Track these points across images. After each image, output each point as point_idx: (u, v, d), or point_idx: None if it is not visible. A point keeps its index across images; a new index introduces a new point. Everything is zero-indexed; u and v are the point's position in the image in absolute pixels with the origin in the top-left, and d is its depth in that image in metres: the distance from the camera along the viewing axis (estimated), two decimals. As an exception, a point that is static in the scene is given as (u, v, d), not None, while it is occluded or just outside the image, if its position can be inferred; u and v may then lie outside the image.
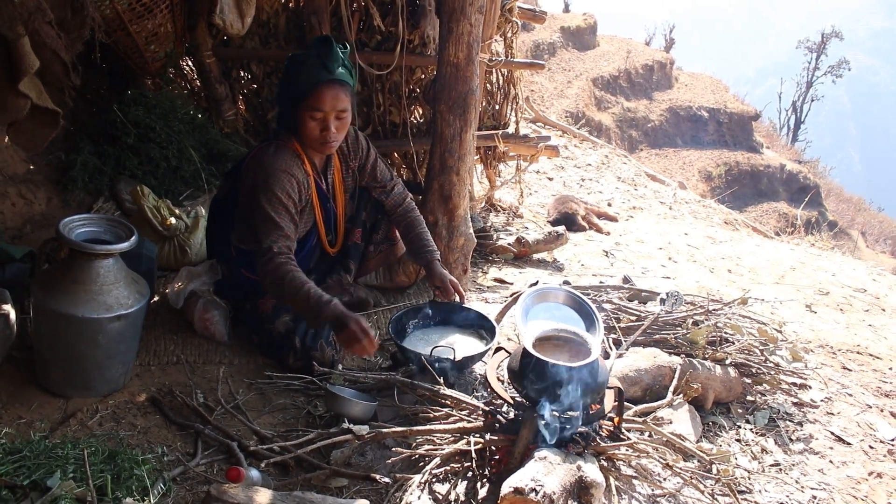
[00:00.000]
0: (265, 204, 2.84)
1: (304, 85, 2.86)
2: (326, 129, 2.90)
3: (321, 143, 2.95)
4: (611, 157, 11.54)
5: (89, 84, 4.56)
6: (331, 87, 2.86)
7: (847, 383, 3.47)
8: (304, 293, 2.72)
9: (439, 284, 3.27)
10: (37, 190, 3.94)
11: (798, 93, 32.67)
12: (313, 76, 2.85)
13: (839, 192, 23.11)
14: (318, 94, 2.85)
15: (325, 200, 3.19)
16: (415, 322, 3.24)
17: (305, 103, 2.87)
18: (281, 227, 2.83)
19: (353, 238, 3.44)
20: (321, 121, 2.89)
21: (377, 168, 3.34)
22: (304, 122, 2.90)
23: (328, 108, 2.87)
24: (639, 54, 22.95)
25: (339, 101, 2.89)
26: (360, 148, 3.28)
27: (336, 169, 3.21)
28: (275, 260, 2.76)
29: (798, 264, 5.87)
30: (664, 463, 2.41)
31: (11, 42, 2.73)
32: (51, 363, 2.68)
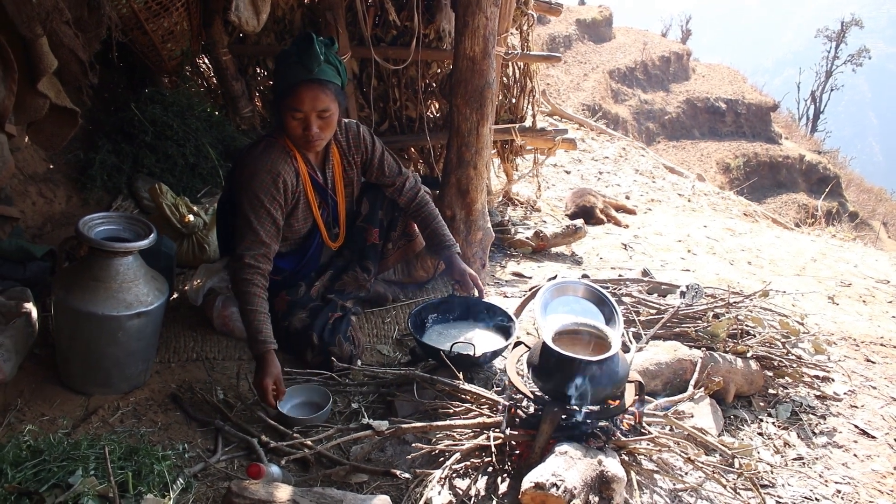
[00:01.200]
0: (246, 206, 2.84)
1: (286, 83, 2.83)
2: (308, 129, 2.86)
3: (304, 141, 2.91)
4: (628, 150, 11.46)
5: (107, 83, 4.59)
6: (309, 87, 2.80)
7: (871, 376, 3.42)
8: (248, 320, 2.74)
9: (458, 278, 3.25)
10: (56, 189, 3.97)
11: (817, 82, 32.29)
12: (293, 75, 2.80)
13: (860, 182, 22.81)
14: (297, 95, 2.81)
15: (325, 195, 3.16)
16: (434, 317, 3.24)
17: (286, 102, 2.84)
18: (258, 232, 2.83)
19: (370, 238, 3.42)
20: (302, 120, 2.85)
21: (384, 163, 3.30)
22: (285, 120, 2.87)
23: (307, 108, 2.82)
24: (655, 46, 22.79)
25: (319, 102, 2.82)
26: (363, 142, 3.23)
27: (336, 163, 3.17)
28: (244, 271, 2.78)
29: (819, 255, 5.80)
30: (686, 457, 2.39)
31: (30, 42, 2.74)
32: (72, 360, 2.70)
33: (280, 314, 3.09)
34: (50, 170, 4.03)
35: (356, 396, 2.87)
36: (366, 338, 3.35)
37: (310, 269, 3.29)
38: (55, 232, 3.74)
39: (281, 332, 3.08)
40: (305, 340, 3.01)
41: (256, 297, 2.76)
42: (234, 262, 2.81)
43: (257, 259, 2.81)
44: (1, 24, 2.66)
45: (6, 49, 2.65)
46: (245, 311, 2.75)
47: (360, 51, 4.75)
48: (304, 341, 3.02)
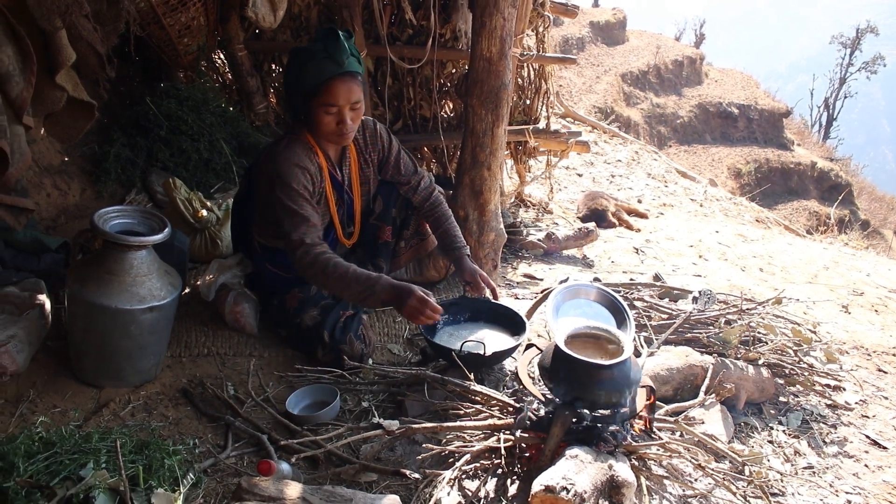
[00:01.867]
0: (284, 199, 2.81)
1: (315, 80, 2.80)
2: (342, 122, 2.86)
3: (338, 135, 2.91)
4: (641, 154, 11.44)
5: (123, 77, 4.61)
6: (343, 80, 2.80)
7: (883, 386, 3.41)
8: (352, 277, 2.69)
9: (469, 279, 3.24)
10: (71, 181, 3.99)
11: (830, 89, 32.18)
12: (323, 70, 2.79)
13: (872, 190, 22.71)
14: (330, 89, 2.80)
15: (342, 192, 3.16)
16: (445, 318, 3.22)
17: (318, 99, 2.82)
18: (306, 217, 2.80)
19: (382, 236, 3.42)
20: (336, 114, 2.84)
21: (400, 161, 3.30)
22: (318, 116, 2.86)
23: (342, 101, 2.82)
24: (668, 50, 22.75)
25: (353, 94, 2.84)
26: (380, 140, 3.23)
27: (353, 160, 3.17)
28: (311, 252, 2.74)
29: (831, 263, 5.78)
30: (696, 463, 2.39)
31: (49, 35, 2.75)
32: (84, 353, 2.71)
33: (291, 311, 3.09)
34: (65, 162, 4.05)
35: (367, 395, 2.87)
36: (377, 336, 3.35)
37: None
38: (69, 224, 3.76)
39: (292, 328, 3.10)
40: (316, 338, 3.01)
41: (336, 260, 2.73)
42: (296, 249, 2.75)
43: (316, 240, 2.79)
44: (21, 17, 2.67)
45: (26, 41, 2.66)
46: (340, 275, 2.69)
47: (376, 49, 4.75)
48: (315, 339, 3.02)
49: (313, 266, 2.72)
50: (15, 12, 2.63)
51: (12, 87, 2.62)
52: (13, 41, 2.64)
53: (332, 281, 2.72)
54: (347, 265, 2.73)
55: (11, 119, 2.68)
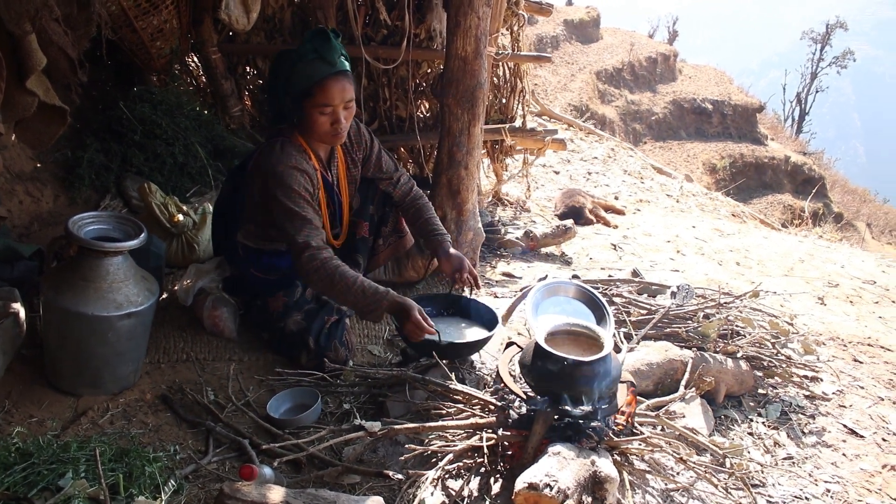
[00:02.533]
0: (286, 201, 2.79)
1: (308, 81, 2.80)
2: (337, 122, 2.86)
3: (333, 135, 2.91)
4: (617, 151, 11.50)
5: (96, 81, 4.56)
6: (336, 79, 2.81)
7: (859, 376, 3.45)
8: (359, 288, 2.71)
9: (457, 266, 3.16)
10: (44, 188, 3.94)
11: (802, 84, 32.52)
12: (316, 71, 2.78)
13: (844, 183, 22.98)
14: (325, 90, 2.80)
15: (332, 193, 3.16)
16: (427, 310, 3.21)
17: (312, 100, 2.81)
18: (309, 220, 2.80)
19: (360, 232, 3.41)
20: (331, 114, 2.84)
21: (382, 159, 3.31)
22: (312, 118, 2.85)
23: (337, 101, 2.82)
24: (642, 47, 22.87)
25: (347, 92, 2.85)
26: (363, 139, 3.24)
27: (340, 160, 3.17)
28: (318, 256, 2.73)
29: (806, 256, 5.84)
30: (677, 457, 2.40)
31: (18, 39, 2.72)
32: (61, 361, 2.68)
33: (275, 314, 3.07)
34: (37, 168, 4.00)
35: (348, 397, 2.86)
36: (357, 338, 3.34)
37: None
38: (42, 231, 3.71)
39: (275, 332, 3.08)
40: (301, 343, 2.99)
41: (343, 268, 2.75)
42: (302, 252, 2.74)
43: (321, 244, 2.78)
44: (-11, 22, 2.64)
45: (-6, 46, 2.63)
46: (347, 285, 2.71)
47: (351, 50, 4.68)
48: (299, 344, 3.00)
49: (319, 271, 2.73)
50: (-17, 17, 2.60)
51: (-19, 93, 2.59)
52: (-18, 46, 2.61)
53: (337, 289, 2.74)
54: (355, 275, 2.74)
55: (-19, 126, 2.65)
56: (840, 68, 34.50)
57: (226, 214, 3.22)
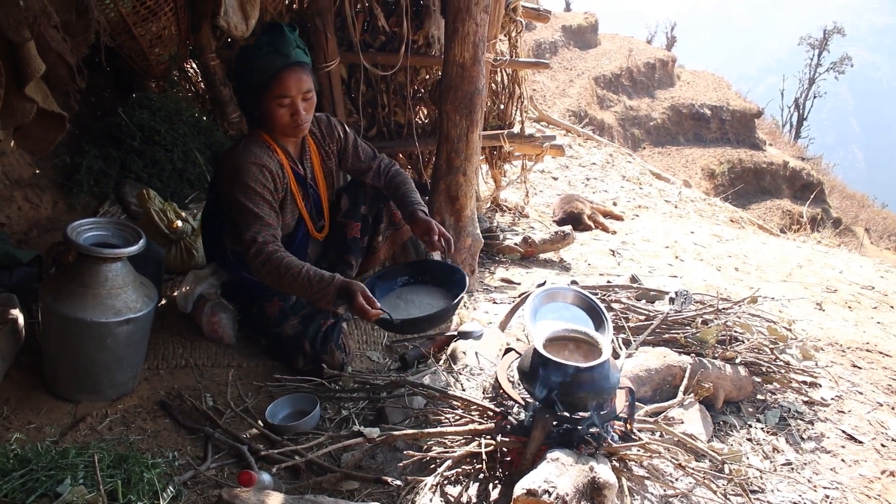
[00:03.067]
0: (241, 198, 2.81)
1: (265, 74, 2.83)
2: (297, 113, 2.88)
3: (293, 126, 2.92)
4: (615, 156, 11.52)
5: (94, 87, 4.56)
6: (292, 70, 2.84)
7: (857, 381, 3.45)
8: (305, 277, 2.70)
9: (423, 228, 3.13)
10: (42, 194, 3.94)
11: (800, 90, 32.57)
12: (272, 64, 2.82)
13: (842, 188, 23.02)
14: (280, 81, 2.83)
15: (307, 187, 3.15)
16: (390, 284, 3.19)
17: (270, 92, 2.85)
18: (261, 216, 2.80)
19: (350, 232, 3.39)
20: (289, 106, 2.87)
21: (359, 148, 3.30)
22: (272, 111, 2.88)
23: (294, 91, 2.85)
24: (640, 52, 22.92)
25: (303, 83, 2.87)
26: (336, 131, 3.24)
27: (313, 153, 3.18)
28: (264, 250, 2.73)
29: (805, 262, 5.85)
30: (676, 463, 2.40)
31: (17, 46, 2.72)
32: (59, 368, 2.68)
33: (272, 320, 3.07)
34: (36, 175, 4.00)
35: (346, 403, 2.86)
36: (355, 344, 3.34)
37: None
38: (41, 237, 3.71)
39: (272, 337, 3.08)
40: (297, 348, 3.00)
41: (289, 259, 2.74)
42: (249, 248, 2.74)
43: (269, 238, 2.78)
44: (-12, 29, 2.64)
45: (-7, 53, 2.64)
46: (293, 275, 2.70)
47: (349, 56, 4.74)
48: (295, 348, 3.01)
49: (266, 265, 2.73)
50: (-18, 24, 2.60)
51: (-19, 99, 2.59)
52: (-19, 53, 2.61)
53: (285, 279, 2.72)
54: (301, 264, 2.73)
55: (-20, 132, 2.65)
56: (838, 74, 34.57)
57: (213, 220, 3.22)
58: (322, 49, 4.57)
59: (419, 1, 4.86)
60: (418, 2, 4.87)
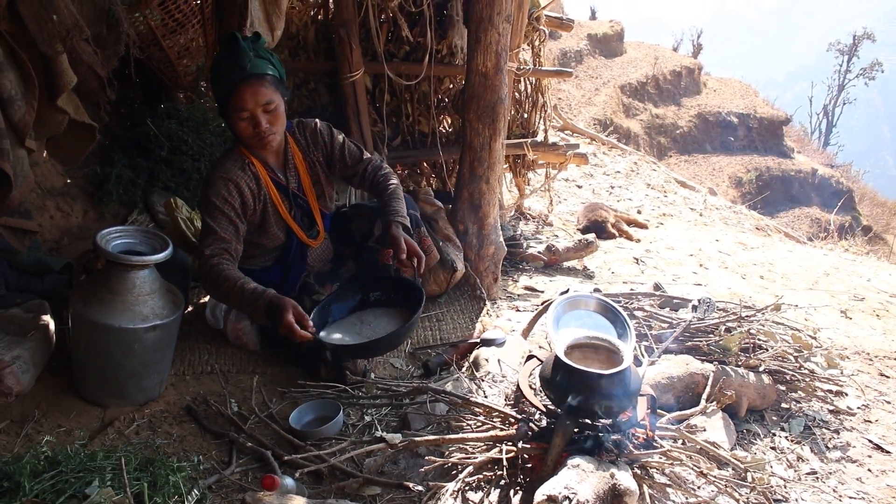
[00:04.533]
0: (203, 213, 2.86)
1: (224, 89, 2.83)
2: (258, 126, 2.85)
3: (258, 139, 2.90)
4: (640, 164, 11.47)
5: (124, 99, 4.65)
6: (247, 83, 2.80)
7: (885, 391, 3.41)
8: (239, 289, 2.71)
9: (392, 244, 3.03)
10: (73, 203, 4.02)
11: (829, 96, 32.27)
12: (228, 78, 2.81)
13: (873, 196, 22.72)
14: (237, 94, 2.80)
15: (295, 197, 3.13)
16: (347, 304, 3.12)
17: (229, 106, 2.85)
18: (215, 231, 2.83)
19: (382, 259, 3.36)
20: (249, 119, 2.85)
21: (345, 152, 3.22)
22: (234, 124, 2.88)
23: (251, 104, 2.82)
24: (666, 60, 22.82)
25: (261, 95, 2.82)
26: (321, 137, 3.19)
27: (298, 161, 3.14)
28: (207, 262, 2.77)
29: (832, 269, 5.79)
30: (698, 471, 2.39)
31: (50, 59, 2.79)
32: (88, 372, 2.73)
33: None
34: (67, 184, 4.08)
35: (369, 409, 2.88)
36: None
37: (298, 272, 3.26)
38: (72, 245, 3.79)
39: (293, 348, 3.09)
40: (318, 357, 3.02)
41: (228, 271, 2.76)
42: (197, 259, 2.82)
43: (217, 251, 2.80)
44: (22, 42, 2.71)
45: (27, 66, 2.71)
46: (229, 285, 2.72)
47: (374, 66, 4.79)
48: (316, 358, 3.02)
49: (206, 277, 2.78)
50: (17, 38, 2.67)
51: (15, 110, 2.66)
52: (15, 66, 2.68)
53: (222, 291, 2.76)
54: (238, 276, 2.75)
55: (14, 142, 2.71)
56: (868, 80, 34.15)
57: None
58: (347, 59, 4.62)
59: (442, 11, 4.90)
60: (441, 12, 4.90)
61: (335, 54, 4.82)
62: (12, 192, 2.73)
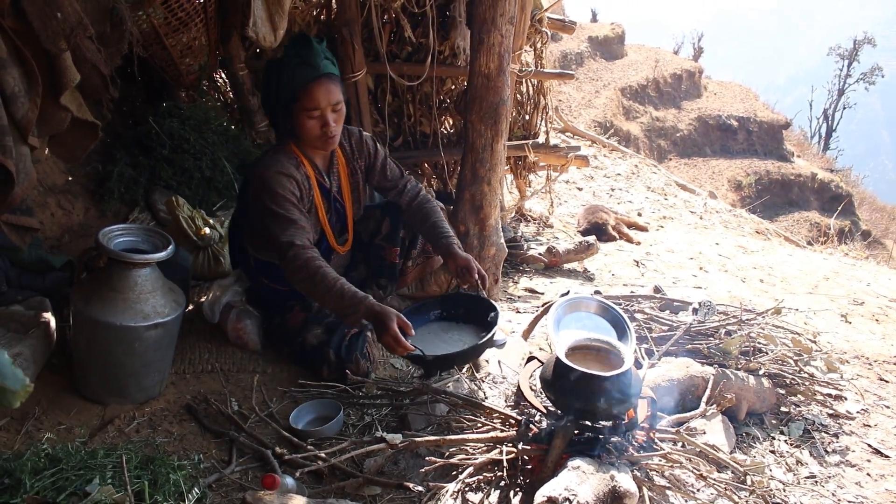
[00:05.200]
0: (270, 203, 2.83)
1: (294, 87, 2.84)
2: (326, 125, 2.89)
3: (324, 139, 2.93)
4: (640, 167, 11.48)
5: (126, 97, 4.65)
6: (321, 83, 2.84)
7: (884, 395, 3.42)
8: (339, 291, 2.69)
9: (462, 265, 3.10)
10: (75, 200, 4.02)
11: (829, 101, 32.25)
12: (301, 76, 2.83)
13: (872, 200, 22.73)
14: (310, 93, 2.83)
15: (334, 201, 3.16)
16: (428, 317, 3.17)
17: (299, 105, 2.86)
18: (293, 220, 2.82)
19: (390, 257, 3.42)
20: (319, 118, 2.87)
21: (387, 167, 3.30)
22: (301, 123, 2.89)
23: (323, 103, 2.85)
24: (667, 63, 22.82)
25: (332, 95, 2.87)
26: (366, 147, 3.24)
27: (341, 167, 3.18)
28: (301, 256, 2.73)
29: (831, 274, 5.79)
30: (698, 474, 2.39)
31: (54, 57, 2.78)
32: (89, 370, 2.73)
33: (294, 330, 3.10)
34: (69, 182, 4.08)
35: (370, 410, 2.88)
36: (379, 351, 3.36)
37: None
38: (73, 243, 3.79)
39: (295, 347, 3.10)
40: (321, 357, 3.01)
41: (326, 269, 2.73)
42: (286, 252, 2.74)
43: (306, 242, 2.79)
44: (26, 39, 2.70)
45: (31, 63, 2.70)
46: (327, 286, 2.69)
47: (376, 67, 4.80)
48: (319, 357, 3.02)
49: (302, 270, 2.73)
50: (21, 35, 2.67)
51: (18, 107, 2.66)
52: (19, 63, 2.67)
53: (318, 289, 2.72)
54: (337, 277, 2.73)
55: (17, 139, 2.71)
56: (868, 84, 34.17)
57: (239, 230, 3.25)
58: (349, 59, 4.62)
59: (445, 12, 4.91)
60: (444, 13, 4.91)
61: (337, 54, 4.82)
62: (15, 189, 2.72)
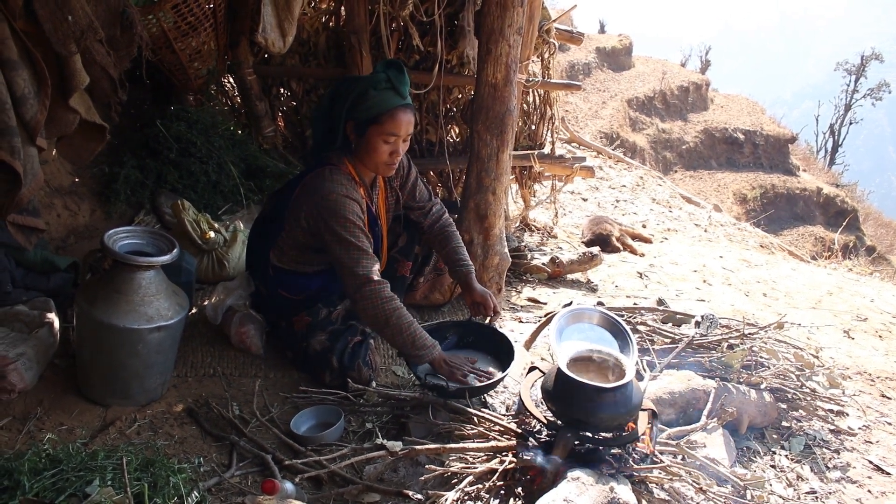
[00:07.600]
0: (341, 231, 2.81)
1: (378, 109, 2.83)
2: (395, 153, 2.90)
3: (387, 165, 2.94)
4: (646, 179, 11.49)
5: (134, 100, 4.67)
6: (405, 112, 2.86)
7: (886, 412, 3.41)
8: (410, 336, 2.79)
9: (479, 300, 3.22)
10: (81, 202, 4.04)
11: (836, 116, 32.18)
12: (388, 101, 2.82)
13: (878, 216, 22.65)
14: (394, 119, 2.83)
15: (374, 223, 3.15)
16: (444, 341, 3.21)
17: (379, 127, 2.84)
18: (365, 250, 2.83)
19: (401, 270, 3.43)
20: (393, 144, 2.88)
21: (417, 187, 3.32)
22: (375, 144, 2.87)
23: (402, 132, 2.87)
24: (674, 76, 22.82)
25: (411, 125, 2.90)
26: (402, 167, 3.25)
27: (381, 189, 3.19)
28: (380, 294, 2.78)
29: (835, 289, 5.78)
30: (697, 487, 2.39)
31: (64, 59, 2.80)
32: (92, 371, 2.74)
33: (299, 334, 3.11)
34: (75, 183, 4.10)
35: (370, 417, 2.89)
36: (381, 359, 3.36)
37: (335, 290, 3.23)
38: (78, 244, 3.80)
39: (299, 352, 3.11)
40: (324, 363, 3.02)
41: (402, 308, 2.82)
42: (363, 286, 2.78)
43: (381, 278, 2.83)
44: (37, 41, 2.72)
45: (41, 65, 2.72)
46: (400, 328, 2.79)
47: (383, 74, 4.80)
48: (322, 364, 3.03)
49: (378, 309, 2.78)
50: (32, 37, 2.69)
51: (27, 109, 2.67)
52: (29, 65, 2.69)
53: (390, 330, 2.80)
54: (411, 321, 2.81)
55: (25, 140, 2.72)
56: (875, 100, 34.11)
57: (264, 235, 3.22)
58: (357, 66, 4.64)
59: (454, 21, 4.92)
60: (453, 22, 4.92)
61: (345, 61, 4.85)
62: (22, 190, 2.73)
